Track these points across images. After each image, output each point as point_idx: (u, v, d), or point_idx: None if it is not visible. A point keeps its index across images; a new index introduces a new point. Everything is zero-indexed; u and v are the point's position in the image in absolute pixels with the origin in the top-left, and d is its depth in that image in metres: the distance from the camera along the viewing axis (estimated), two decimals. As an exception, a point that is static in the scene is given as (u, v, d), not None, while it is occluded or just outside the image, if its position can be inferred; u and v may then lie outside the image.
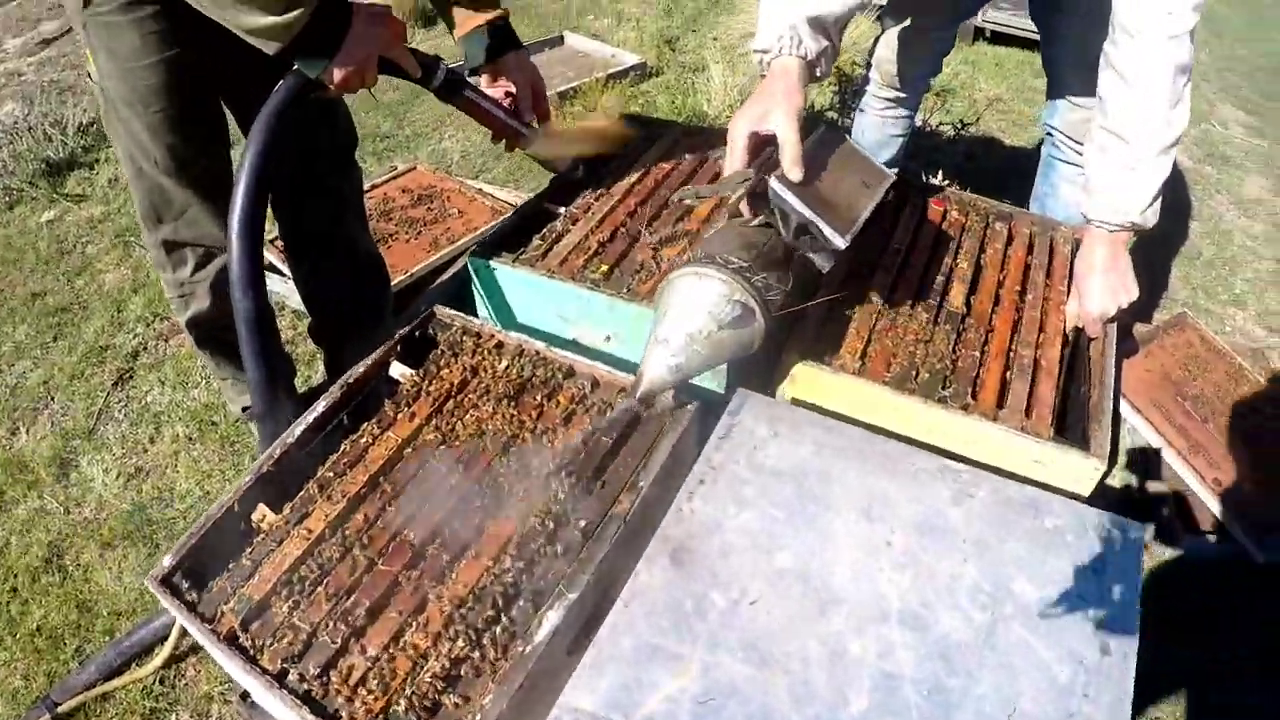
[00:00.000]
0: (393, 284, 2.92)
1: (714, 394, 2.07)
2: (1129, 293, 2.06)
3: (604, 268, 2.16)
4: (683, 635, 1.42)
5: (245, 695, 1.96)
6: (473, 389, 1.93)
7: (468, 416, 1.87)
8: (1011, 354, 2.06)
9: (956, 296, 2.20)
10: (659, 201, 2.41)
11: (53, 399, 2.99)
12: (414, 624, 1.58)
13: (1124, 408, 2.92)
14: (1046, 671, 1.35)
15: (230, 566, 1.71)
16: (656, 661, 1.39)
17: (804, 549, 1.53)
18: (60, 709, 2.16)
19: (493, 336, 2.03)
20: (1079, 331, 2.16)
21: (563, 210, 2.38)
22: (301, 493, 1.80)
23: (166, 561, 1.68)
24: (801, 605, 1.46)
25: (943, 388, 1.95)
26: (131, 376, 3.17)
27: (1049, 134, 3.02)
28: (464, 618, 1.56)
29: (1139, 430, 2.89)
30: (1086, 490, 1.83)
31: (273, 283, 3.28)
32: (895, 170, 2.72)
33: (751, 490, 1.63)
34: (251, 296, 1.91)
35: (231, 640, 1.59)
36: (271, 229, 2.71)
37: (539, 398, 1.90)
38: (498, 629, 1.56)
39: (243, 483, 1.80)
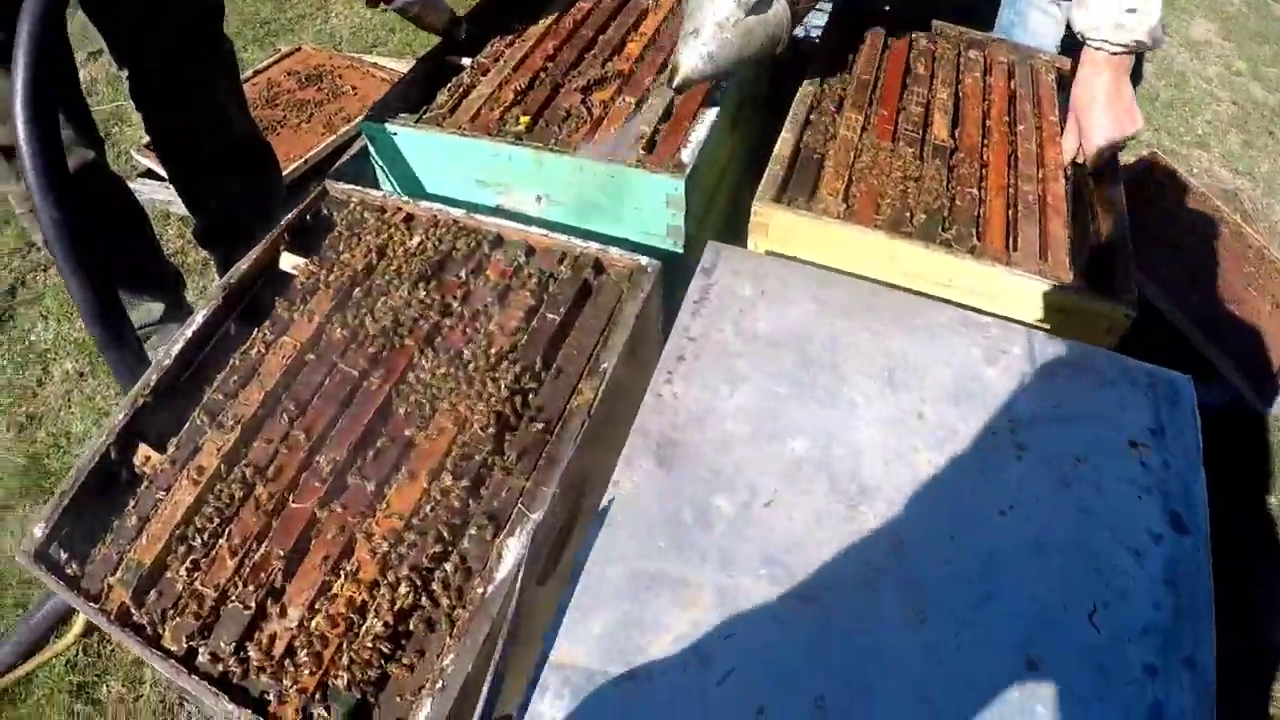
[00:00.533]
0: (285, 172, 2.51)
1: (673, 253, 1.75)
2: (1134, 122, 1.83)
3: (525, 119, 1.79)
4: (686, 555, 1.11)
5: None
6: (381, 273, 1.57)
7: (378, 307, 1.50)
8: (1012, 190, 1.79)
9: (940, 129, 1.90)
10: (582, 41, 2.02)
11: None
12: (342, 573, 1.25)
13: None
14: (1122, 563, 1.10)
15: (114, 526, 1.35)
16: (657, 592, 1.08)
17: (820, 431, 1.23)
18: None
19: (399, 209, 1.66)
20: (1078, 167, 1.90)
21: (468, 61, 1.98)
22: (187, 424, 1.43)
23: (37, 532, 1.33)
24: (827, 503, 1.16)
25: (942, 229, 1.66)
26: (11, 316, 2.80)
27: None
28: (403, 558, 1.24)
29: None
30: (1112, 341, 1.59)
31: (152, 189, 2.92)
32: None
33: (745, 364, 1.32)
34: (53, 200, 1.47)
35: (124, 620, 1.26)
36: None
37: (463, 274, 1.55)
38: (448, 567, 1.24)
39: (114, 423, 1.44)
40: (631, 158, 1.68)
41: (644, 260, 1.51)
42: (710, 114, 1.79)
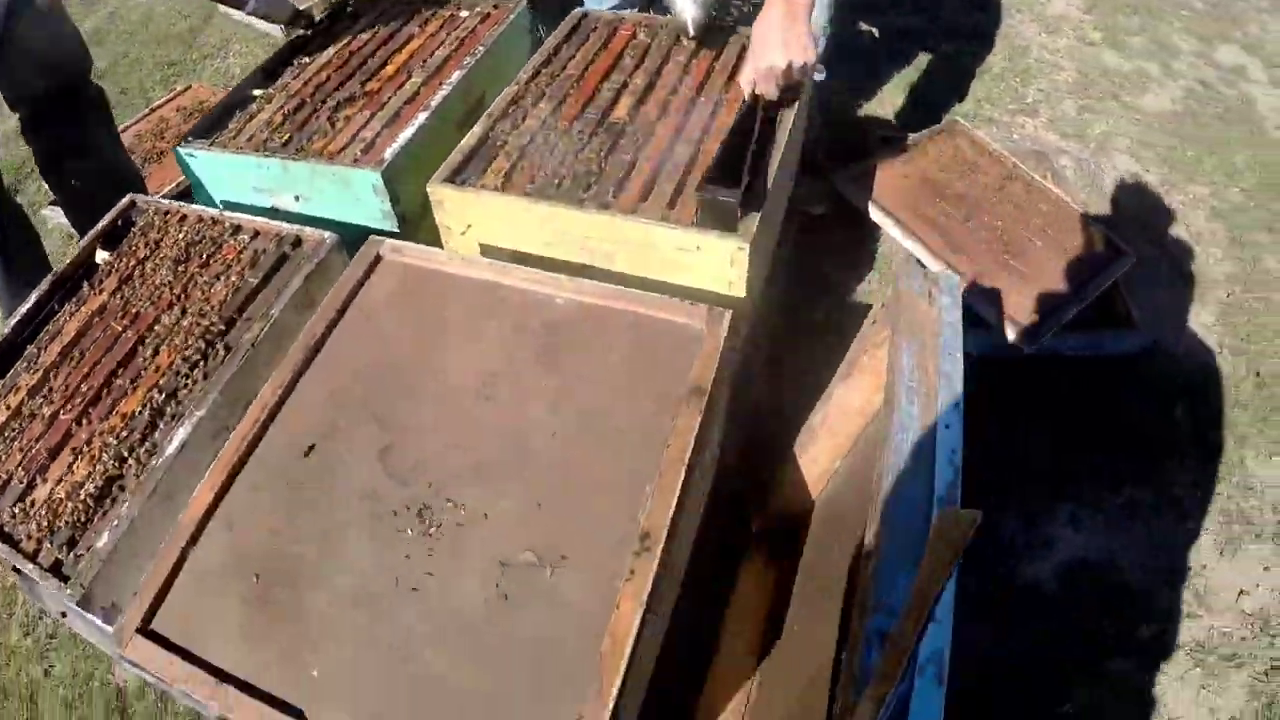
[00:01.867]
0: (164, 193, 3.07)
1: (383, 231, 2.25)
2: (804, 51, 2.04)
3: (285, 136, 2.33)
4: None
5: (15, 568, 2.24)
6: (154, 260, 2.13)
7: (146, 283, 2.07)
8: (668, 154, 2.17)
9: (622, 109, 2.32)
10: (351, 68, 2.57)
11: None
12: (81, 458, 1.81)
13: (873, 211, 3.01)
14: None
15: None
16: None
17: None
18: None
19: (179, 211, 2.24)
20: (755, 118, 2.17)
21: (258, 92, 2.55)
22: (9, 373, 2.03)
23: (-99, 448, 1.93)
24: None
25: (584, 191, 2.09)
26: None
27: None
28: (115, 447, 1.79)
29: (892, 234, 2.95)
30: (737, 277, 1.95)
31: (59, 215, 3.39)
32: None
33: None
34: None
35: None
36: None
37: (205, 255, 2.11)
38: (141, 449, 1.79)
39: (-38, 380, 2.05)
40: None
41: (326, 235, 2.05)
42: (421, 118, 2.30)
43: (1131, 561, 2.37)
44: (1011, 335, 2.70)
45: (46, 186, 3.48)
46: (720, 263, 1.96)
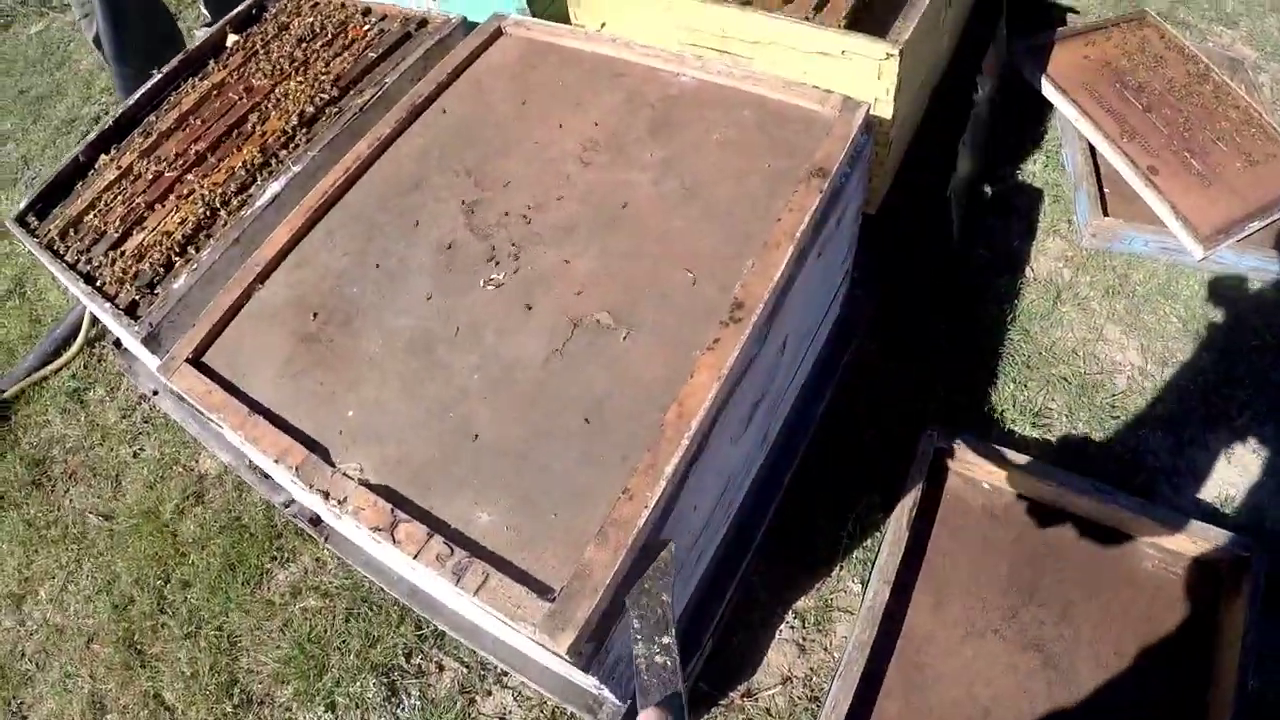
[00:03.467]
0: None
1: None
2: None
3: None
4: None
5: (118, 343, 2.22)
6: (281, 40, 2.06)
7: (270, 58, 2.01)
8: None
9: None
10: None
11: (29, 168, 3.38)
12: (177, 210, 1.75)
13: (1046, 88, 2.72)
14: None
15: (64, 200, 1.94)
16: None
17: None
18: (6, 394, 2.52)
19: (310, -6, 2.15)
20: None
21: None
22: (127, 138, 2.00)
23: (21, 204, 1.93)
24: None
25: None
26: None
27: None
28: (214, 195, 1.72)
29: (1064, 113, 2.66)
30: (885, 91, 1.74)
31: None
32: None
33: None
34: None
35: (49, 247, 1.82)
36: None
37: (330, 34, 2.02)
38: (235, 201, 1.71)
39: (88, 139, 2.02)
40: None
41: (453, 15, 1.92)
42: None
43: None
44: (1184, 238, 2.38)
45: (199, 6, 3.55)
46: (866, 73, 1.73)
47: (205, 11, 3.39)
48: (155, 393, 2.14)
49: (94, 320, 2.55)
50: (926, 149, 2.22)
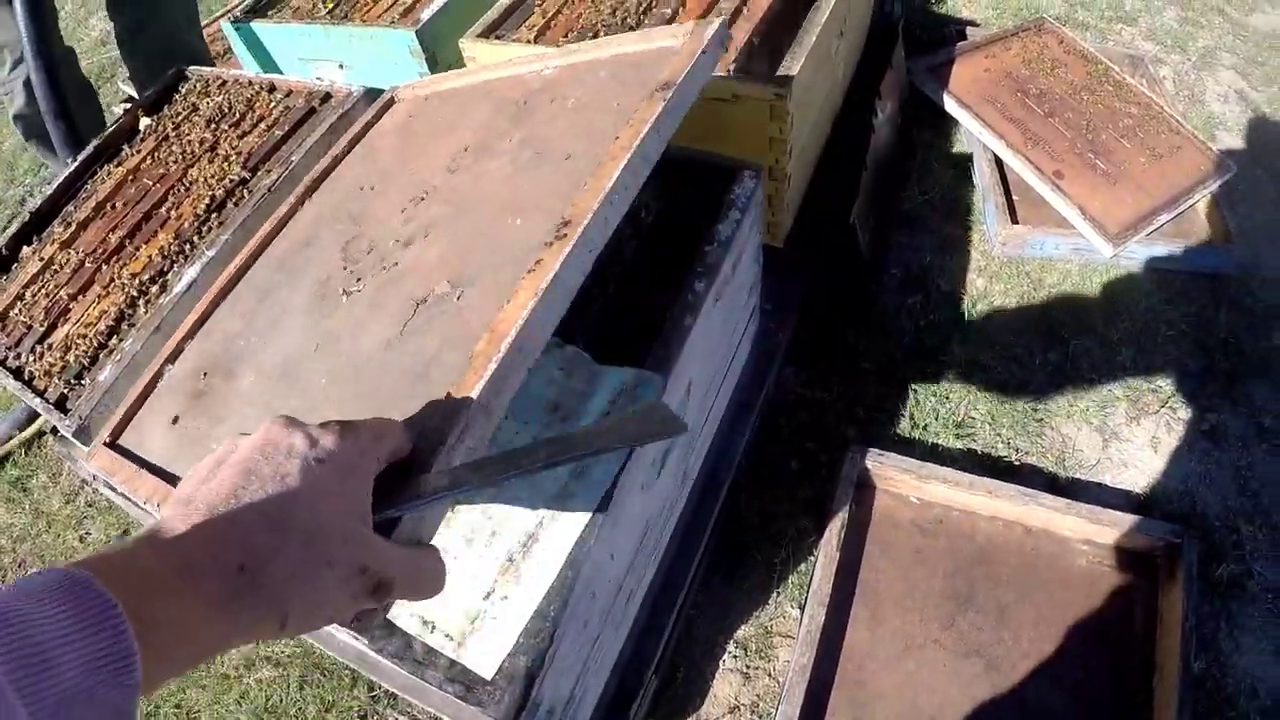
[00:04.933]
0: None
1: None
2: None
3: (330, 5, 2.27)
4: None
5: (55, 430, 2.24)
6: (191, 121, 2.10)
7: (181, 141, 2.04)
8: (713, 6, 2.02)
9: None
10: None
11: None
12: (100, 301, 1.78)
13: (949, 104, 2.80)
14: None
15: (-10, 294, 1.96)
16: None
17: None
18: None
19: (218, 78, 2.19)
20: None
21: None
22: (48, 228, 2.03)
23: (-56, 294, 1.95)
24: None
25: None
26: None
27: None
28: (132, 284, 1.75)
29: (967, 127, 2.75)
30: (778, 131, 1.82)
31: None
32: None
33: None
34: (42, 56, 2.17)
35: (-29, 344, 1.84)
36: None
37: (238, 115, 2.06)
38: (153, 289, 1.74)
39: (8, 232, 2.05)
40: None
41: (354, 88, 1.96)
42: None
43: (1212, 494, 2.10)
44: (1093, 238, 2.47)
45: (122, 85, 3.58)
46: (759, 114, 1.80)
47: (125, 88, 3.43)
48: (94, 476, 2.16)
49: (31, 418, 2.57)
50: (829, 176, 2.29)
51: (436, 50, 2.12)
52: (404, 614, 1.15)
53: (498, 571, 1.15)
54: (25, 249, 2.04)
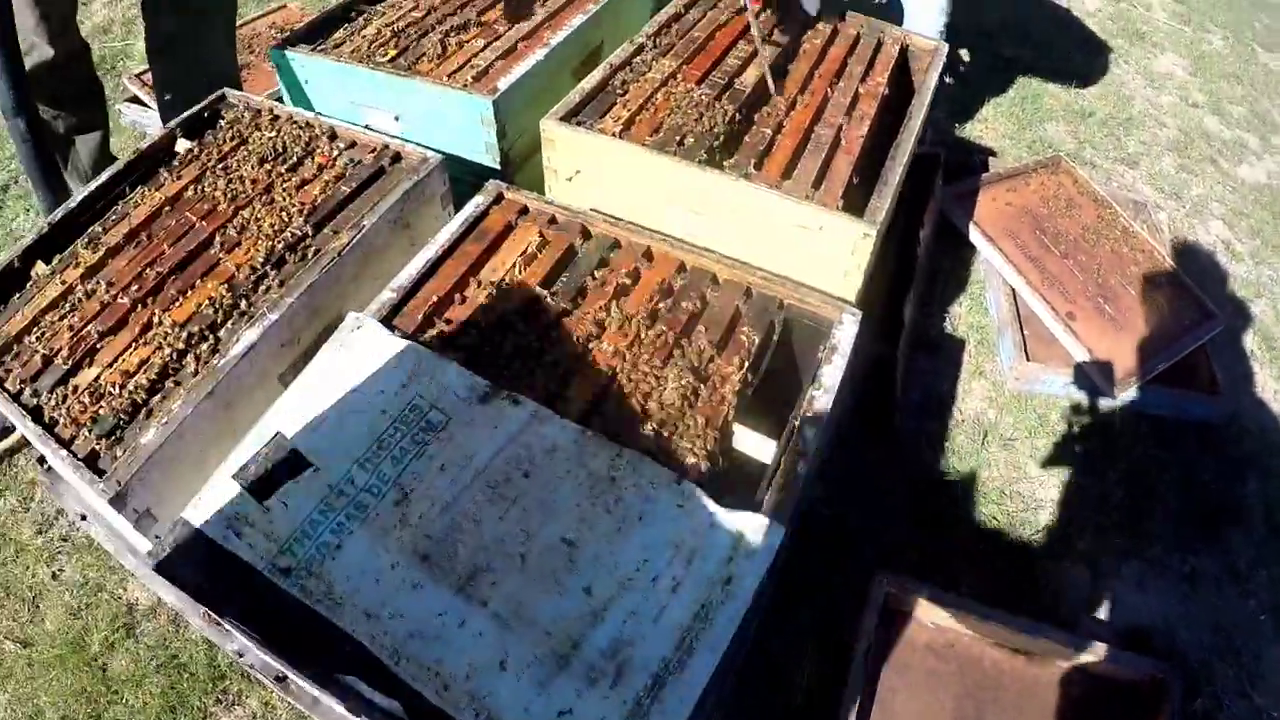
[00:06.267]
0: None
1: (480, 166, 2.11)
2: None
3: (391, 52, 2.19)
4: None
5: (42, 460, 2.09)
6: (238, 155, 1.99)
7: (229, 177, 1.93)
8: (811, 134, 2.05)
9: (750, 76, 2.18)
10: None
11: None
12: (136, 345, 1.66)
13: (974, 235, 2.88)
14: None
15: (2, 309, 1.81)
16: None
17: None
18: None
19: (270, 110, 2.09)
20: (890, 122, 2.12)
21: (368, 7, 2.41)
22: (69, 248, 1.89)
23: (-55, 309, 1.79)
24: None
25: (716, 154, 1.95)
26: (1, 207, 3.29)
27: None
28: (175, 337, 1.64)
29: (991, 261, 2.83)
30: (856, 266, 1.81)
31: (135, 113, 3.38)
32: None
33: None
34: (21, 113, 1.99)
35: (-19, 371, 1.69)
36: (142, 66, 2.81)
37: (295, 158, 1.97)
38: (203, 346, 1.64)
39: (23, 243, 1.90)
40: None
41: (430, 154, 1.90)
42: (539, 54, 2.16)
43: (1189, 632, 2.22)
44: (1098, 380, 2.57)
45: (126, 82, 3.39)
46: (841, 248, 1.80)
47: (131, 86, 3.24)
48: (84, 517, 2.01)
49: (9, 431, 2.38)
50: (872, 299, 2.31)
51: (508, 121, 2.07)
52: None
53: (626, 715, 1.11)
54: (40, 265, 1.89)
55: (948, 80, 2.90)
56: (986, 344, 2.75)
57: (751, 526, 1.29)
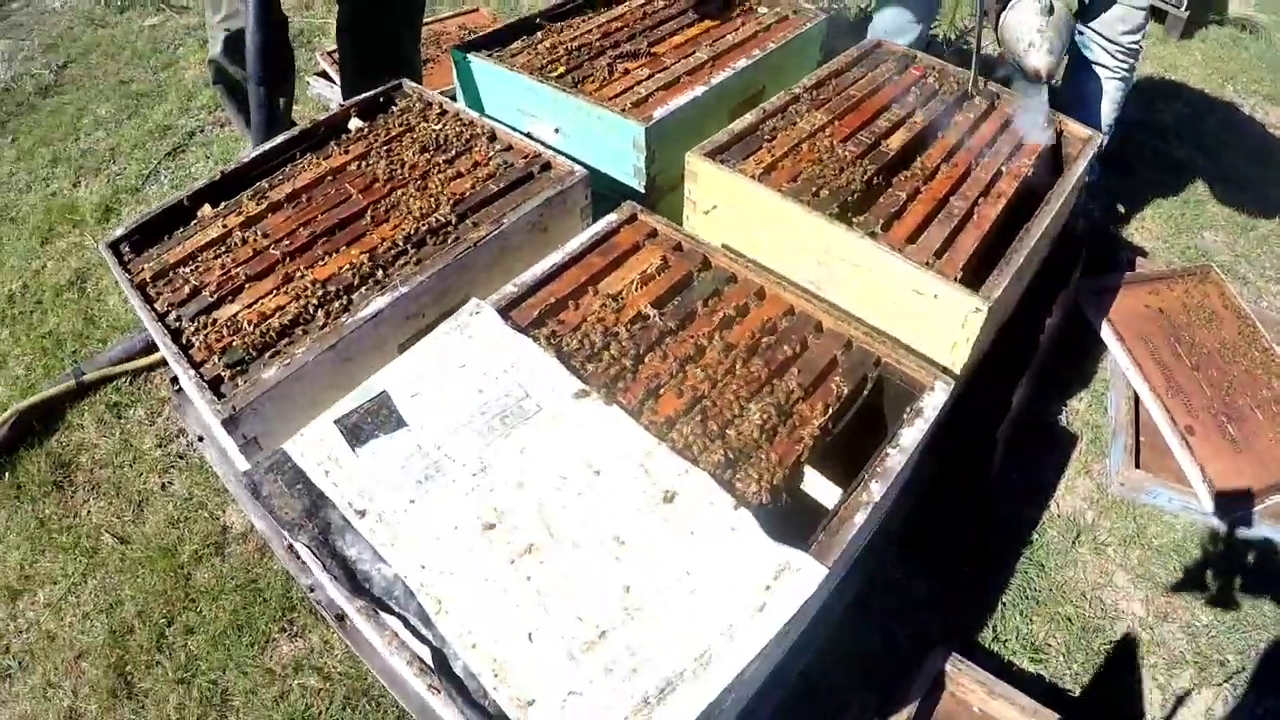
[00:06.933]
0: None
1: (626, 187, 2.21)
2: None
3: (560, 69, 2.32)
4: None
5: (174, 380, 2.27)
6: (403, 140, 2.15)
7: (391, 158, 2.09)
8: (944, 204, 2.06)
9: (896, 141, 2.22)
10: (642, 27, 2.55)
11: (114, 161, 3.45)
12: (277, 293, 1.81)
13: (1105, 331, 2.82)
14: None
15: (166, 240, 2.00)
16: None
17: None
18: (86, 377, 2.57)
19: (440, 105, 2.24)
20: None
21: (549, 24, 2.56)
22: (235, 197, 2.07)
23: (118, 231, 1.99)
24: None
25: (849, 211, 1.99)
26: (185, 150, 3.59)
27: (1080, 33, 2.94)
28: (313, 292, 1.78)
29: (1117, 359, 2.76)
30: (965, 339, 1.82)
31: (321, 86, 3.65)
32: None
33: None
34: (262, 28, 2.22)
35: (140, 287, 1.87)
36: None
37: (454, 151, 2.10)
38: (336, 304, 1.77)
39: (195, 185, 2.09)
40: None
41: (577, 168, 2.00)
42: (698, 90, 2.25)
43: None
44: (1206, 501, 2.46)
45: (318, 58, 3.65)
46: (951, 319, 1.82)
47: (322, 62, 3.49)
48: (201, 438, 2.19)
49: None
50: (983, 377, 2.30)
51: (657, 148, 2.16)
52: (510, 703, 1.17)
53: (630, 710, 1.16)
54: (206, 207, 2.07)
55: (1101, 176, 2.86)
56: (1099, 444, 2.68)
57: (794, 562, 1.32)
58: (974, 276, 1.87)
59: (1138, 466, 2.53)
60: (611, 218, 1.87)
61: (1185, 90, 4.35)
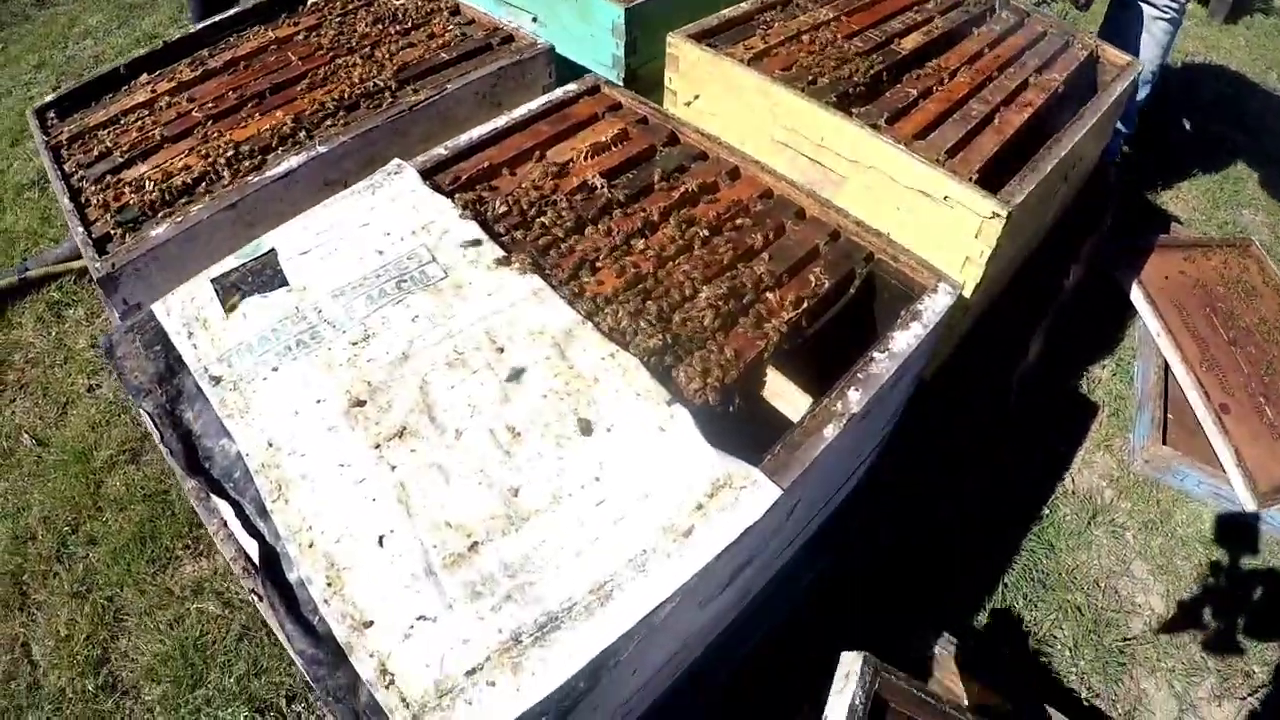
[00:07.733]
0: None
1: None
2: None
3: (544, -49, 2.09)
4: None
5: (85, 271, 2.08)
6: (359, 13, 1.94)
7: (342, 28, 1.88)
8: (962, 105, 1.81)
9: (910, 43, 1.97)
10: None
11: (97, 68, 3.31)
12: (191, 154, 1.60)
13: (1135, 295, 2.52)
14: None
15: (93, 106, 1.81)
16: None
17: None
18: (31, 274, 2.41)
19: (400, -23, 2.02)
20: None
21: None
22: (172, 66, 1.87)
23: (47, 99, 1.81)
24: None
25: (849, 103, 1.75)
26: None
27: None
28: (223, 152, 1.57)
29: (1148, 325, 2.45)
30: (979, 253, 1.58)
31: None
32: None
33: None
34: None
35: (54, 149, 1.68)
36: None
37: (410, 23, 1.89)
38: (246, 164, 1.56)
39: (135, 54, 1.90)
40: None
41: (540, 40, 1.77)
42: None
43: None
44: (1238, 487, 2.16)
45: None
46: (965, 228, 1.55)
47: None
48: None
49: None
50: (998, 323, 2.03)
51: (639, 36, 1.92)
52: (361, 646, 0.90)
53: (496, 648, 0.90)
54: (144, 76, 1.88)
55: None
56: (1121, 417, 2.38)
57: (739, 478, 1.06)
58: (992, 186, 1.59)
59: (1165, 443, 2.23)
60: (571, 87, 1.64)
61: (1226, 72, 4.07)
